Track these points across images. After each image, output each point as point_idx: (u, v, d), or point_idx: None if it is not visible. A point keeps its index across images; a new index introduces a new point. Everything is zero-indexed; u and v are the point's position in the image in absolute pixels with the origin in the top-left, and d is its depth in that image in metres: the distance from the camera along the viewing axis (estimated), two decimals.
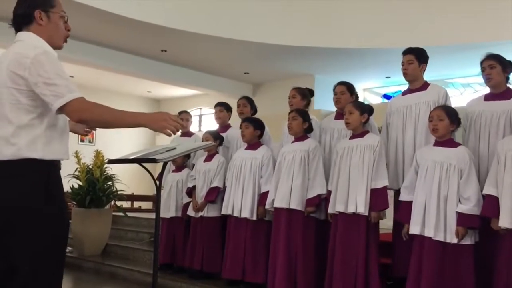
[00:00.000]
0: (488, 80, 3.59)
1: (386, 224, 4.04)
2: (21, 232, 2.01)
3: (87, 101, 2.08)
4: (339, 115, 4.27)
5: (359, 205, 3.65)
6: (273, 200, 4.18)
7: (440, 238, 3.26)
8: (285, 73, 10.68)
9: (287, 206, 4.06)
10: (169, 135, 2.16)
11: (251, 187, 4.44)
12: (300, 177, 4.07)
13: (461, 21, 7.94)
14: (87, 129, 2.64)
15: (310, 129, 4.30)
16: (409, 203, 3.48)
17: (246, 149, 4.66)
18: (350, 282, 3.65)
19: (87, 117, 2.09)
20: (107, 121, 2.13)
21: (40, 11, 2.18)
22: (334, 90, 4.36)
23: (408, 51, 3.96)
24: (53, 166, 2.13)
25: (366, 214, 3.66)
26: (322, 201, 4.07)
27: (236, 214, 4.45)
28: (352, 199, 3.70)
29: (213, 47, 9.24)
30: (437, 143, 3.48)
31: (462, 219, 3.22)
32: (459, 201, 3.27)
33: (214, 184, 4.81)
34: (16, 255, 2.02)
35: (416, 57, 3.90)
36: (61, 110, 2.04)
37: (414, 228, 3.37)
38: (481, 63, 3.62)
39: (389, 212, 3.85)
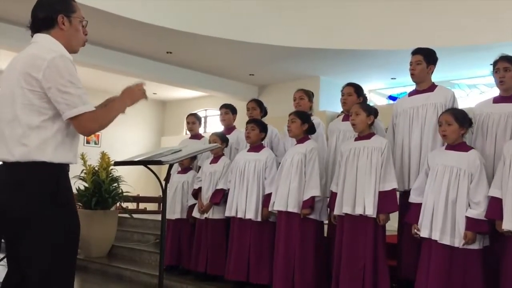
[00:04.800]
0: (501, 83, 3.52)
1: (391, 225, 4.03)
2: (30, 238, 2.00)
3: (95, 113, 2.11)
4: (346, 117, 4.26)
5: (368, 207, 3.64)
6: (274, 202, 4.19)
7: (446, 241, 3.24)
8: (291, 74, 10.69)
9: (285, 209, 4.07)
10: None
11: (255, 189, 4.45)
12: (296, 179, 4.07)
13: (467, 22, 7.91)
14: None
15: (312, 130, 4.29)
16: (418, 205, 3.46)
17: (248, 151, 4.67)
18: (358, 283, 3.64)
19: (95, 129, 2.15)
20: (108, 123, 2.19)
21: (63, 16, 2.18)
22: (342, 91, 4.35)
23: (416, 51, 3.91)
24: (63, 170, 2.12)
25: (375, 216, 3.65)
26: (318, 202, 4.07)
27: (240, 215, 4.45)
28: (359, 201, 3.69)
29: (218, 49, 9.25)
30: (449, 147, 3.44)
31: (471, 223, 3.19)
32: (469, 205, 3.25)
33: (219, 186, 4.81)
34: (26, 262, 2.00)
35: (425, 58, 3.86)
36: (71, 120, 2.06)
37: (424, 232, 3.35)
38: (495, 63, 3.54)
39: (394, 213, 3.83)
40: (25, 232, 2.00)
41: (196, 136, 5.73)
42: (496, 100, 3.61)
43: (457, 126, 3.37)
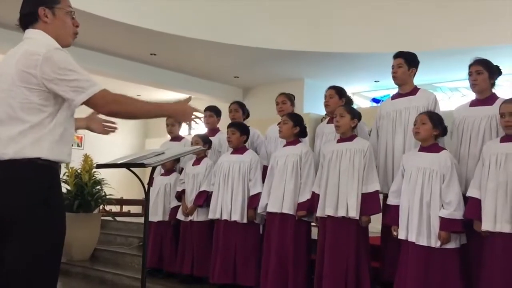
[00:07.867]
0: (473, 86, 3.64)
1: (375, 227, 4.05)
2: (18, 237, 1.92)
3: (112, 92, 2.04)
4: (331, 120, 4.30)
5: (350, 209, 3.66)
6: (267, 204, 4.18)
7: (422, 242, 3.29)
8: (275, 77, 10.70)
9: (279, 211, 4.07)
10: (190, 125, 2.35)
11: (240, 191, 4.45)
12: (292, 181, 4.09)
13: (449, 26, 8.01)
14: (108, 128, 2.63)
15: (303, 133, 4.32)
16: (396, 207, 3.52)
17: (232, 153, 4.67)
18: (340, 285, 3.65)
19: (117, 109, 2.07)
20: (136, 112, 2.13)
21: (44, 8, 2.11)
22: (325, 94, 4.39)
23: (398, 55, 3.98)
24: (55, 169, 2.05)
25: (358, 218, 3.66)
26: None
27: (225, 217, 4.45)
28: (342, 203, 3.71)
29: (203, 51, 9.23)
30: (422, 148, 3.52)
31: (444, 223, 3.26)
32: (442, 206, 3.30)
33: (202, 188, 4.80)
34: (11, 262, 1.92)
35: (406, 61, 3.92)
36: (86, 104, 1.99)
37: (401, 234, 3.42)
38: (469, 66, 3.65)
39: (377, 215, 3.86)
40: (12, 233, 1.91)
41: (176, 138, 5.69)
42: (473, 104, 3.69)
43: (431, 125, 3.45)
